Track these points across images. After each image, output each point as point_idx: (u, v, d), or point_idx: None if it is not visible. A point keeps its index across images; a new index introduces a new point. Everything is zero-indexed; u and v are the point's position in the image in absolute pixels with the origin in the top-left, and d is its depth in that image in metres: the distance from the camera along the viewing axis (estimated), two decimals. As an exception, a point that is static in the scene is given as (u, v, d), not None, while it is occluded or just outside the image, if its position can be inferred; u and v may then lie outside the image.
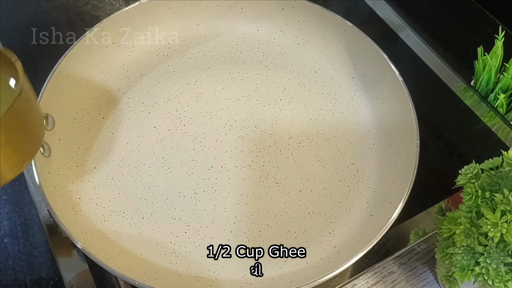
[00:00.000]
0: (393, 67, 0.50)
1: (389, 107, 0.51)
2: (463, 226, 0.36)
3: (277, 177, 0.48)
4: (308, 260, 0.43)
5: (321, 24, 0.55)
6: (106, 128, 0.50)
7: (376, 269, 0.45)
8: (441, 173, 0.55)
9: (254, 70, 0.56)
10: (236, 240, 0.44)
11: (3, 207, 0.49)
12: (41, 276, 0.45)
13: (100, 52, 0.53)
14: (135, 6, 0.54)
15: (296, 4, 0.55)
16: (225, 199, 0.47)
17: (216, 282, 0.42)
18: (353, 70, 0.55)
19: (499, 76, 0.57)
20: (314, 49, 0.57)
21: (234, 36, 0.58)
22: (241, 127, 0.51)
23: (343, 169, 0.49)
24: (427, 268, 0.46)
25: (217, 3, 0.57)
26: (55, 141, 0.46)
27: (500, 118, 0.57)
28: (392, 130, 0.50)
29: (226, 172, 0.48)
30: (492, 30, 0.60)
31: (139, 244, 0.44)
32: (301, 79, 0.55)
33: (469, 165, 0.39)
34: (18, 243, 0.47)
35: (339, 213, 0.46)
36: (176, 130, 0.51)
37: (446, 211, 0.42)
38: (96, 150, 0.49)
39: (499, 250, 0.35)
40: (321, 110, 0.53)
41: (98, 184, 0.47)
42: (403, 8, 0.67)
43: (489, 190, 0.36)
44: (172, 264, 0.43)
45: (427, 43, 0.64)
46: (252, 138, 0.51)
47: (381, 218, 0.43)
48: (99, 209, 0.45)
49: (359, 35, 0.53)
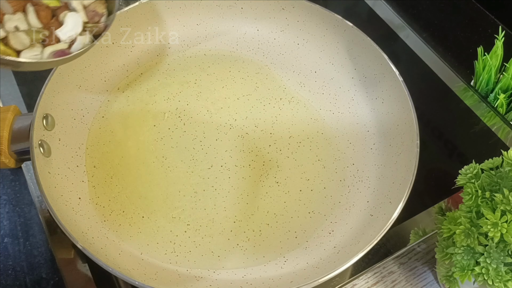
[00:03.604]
0: (393, 67, 0.50)
1: (389, 107, 0.51)
2: (463, 226, 0.36)
3: (277, 177, 0.48)
4: (308, 260, 0.43)
5: (321, 24, 0.55)
6: (106, 128, 0.50)
7: (376, 269, 0.45)
8: (441, 173, 0.55)
9: (254, 69, 0.56)
10: (236, 239, 0.44)
11: (3, 207, 0.49)
12: (41, 276, 0.45)
13: (100, 52, 0.53)
14: (135, 6, 0.54)
15: (296, 4, 0.55)
16: (225, 198, 0.47)
17: (216, 282, 0.42)
18: (353, 70, 0.55)
19: (499, 76, 0.57)
20: (314, 49, 0.57)
21: (234, 36, 0.58)
22: (241, 126, 0.51)
23: (343, 169, 0.49)
24: (427, 268, 0.46)
25: (217, 3, 0.57)
26: (55, 141, 0.46)
27: (500, 118, 0.57)
28: (392, 130, 0.50)
29: (226, 171, 0.48)
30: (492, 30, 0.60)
31: (139, 244, 0.44)
32: (301, 79, 0.55)
33: (469, 165, 0.39)
34: (18, 243, 0.47)
35: (339, 213, 0.46)
36: (176, 129, 0.51)
37: (446, 211, 0.42)
38: (96, 150, 0.49)
39: (499, 250, 0.35)
40: (321, 110, 0.53)
41: (98, 184, 0.47)
42: (403, 8, 0.68)
43: (489, 190, 0.36)
44: (172, 264, 0.43)
45: (427, 43, 0.64)
46: (252, 138, 0.51)
47: (381, 218, 0.43)
48: (99, 209, 0.45)
49: (359, 35, 0.53)
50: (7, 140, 0.43)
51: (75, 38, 0.40)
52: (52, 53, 0.38)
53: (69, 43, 0.39)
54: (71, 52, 0.39)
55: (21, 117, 0.45)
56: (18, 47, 0.37)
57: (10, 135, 0.44)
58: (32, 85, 0.57)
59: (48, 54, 0.38)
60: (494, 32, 0.56)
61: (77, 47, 0.40)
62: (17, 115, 0.45)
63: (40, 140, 0.44)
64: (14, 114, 0.45)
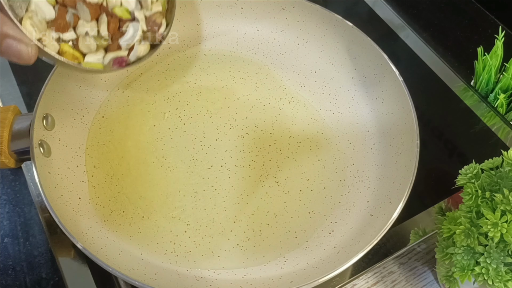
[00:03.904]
0: (393, 67, 0.50)
1: (389, 107, 0.51)
2: (463, 226, 0.36)
3: (277, 177, 0.48)
4: (308, 260, 0.43)
5: (321, 24, 0.55)
6: (106, 127, 0.50)
7: (376, 269, 0.46)
8: (441, 173, 0.55)
9: (254, 69, 0.56)
10: (236, 240, 0.44)
11: (3, 207, 0.49)
12: (41, 276, 0.45)
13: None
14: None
15: (296, 4, 0.55)
16: (225, 198, 0.47)
17: (216, 282, 0.42)
18: (353, 70, 0.55)
19: (499, 76, 0.57)
20: (314, 49, 0.57)
21: (234, 36, 0.58)
22: (241, 126, 0.51)
23: (343, 169, 0.49)
24: (427, 268, 0.46)
25: (217, 3, 0.57)
26: (55, 141, 0.46)
27: (500, 118, 0.57)
28: (392, 130, 0.50)
29: (226, 171, 0.48)
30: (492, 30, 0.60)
31: (139, 244, 0.44)
32: (301, 79, 0.55)
33: (469, 165, 0.39)
34: (18, 243, 0.47)
35: (339, 213, 0.46)
36: (176, 129, 0.51)
37: (446, 211, 0.42)
38: (96, 150, 0.49)
39: (499, 250, 0.35)
40: (321, 110, 0.53)
41: (98, 184, 0.47)
42: (403, 8, 0.68)
43: (489, 190, 0.36)
44: (172, 264, 0.43)
45: (427, 43, 0.64)
46: (252, 137, 0.51)
47: (381, 218, 0.43)
48: (99, 209, 0.45)
49: (359, 35, 0.53)
50: (7, 140, 0.43)
51: (133, 46, 0.42)
52: (113, 59, 0.42)
53: (128, 50, 0.42)
54: (130, 59, 0.42)
55: (21, 117, 0.45)
56: (84, 50, 0.41)
57: (10, 135, 0.44)
58: (32, 85, 0.57)
59: (109, 59, 0.41)
60: (494, 32, 0.56)
61: (135, 54, 0.43)
62: (17, 115, 0.45)
63: (40, 140, 0.44)
64: (14, 114, 0.45)
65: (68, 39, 0.39)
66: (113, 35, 0.42)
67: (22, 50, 0.34)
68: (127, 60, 0.42)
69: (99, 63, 0.41)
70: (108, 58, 0.41)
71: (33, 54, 0.35)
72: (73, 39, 0.40)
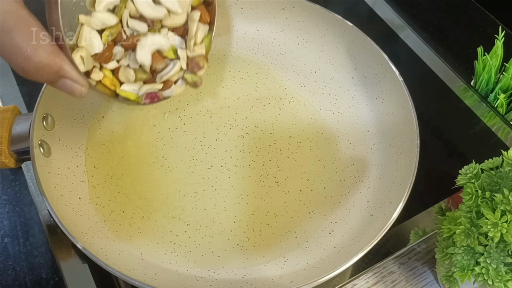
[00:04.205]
0: (393, 67, 0.50)
1: (389, 107, 0.51)
2: (463, 226, 0.36)
3: (277, 177, 0.48)
4: (308, 260, 0.43)
5: (321, 24, 0.55)
6: (106, 127, 0.50)
7: (376, 269, 0.46)
8: (441, 173, 0.55)
9: (254, 69, 0.56)
10: (236, 240, 0.44)
11: (3, 207, 0.49)
12: (41, 276, 0.45)
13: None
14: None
15: (296, 4, 0.55)
16: (225, 198, 0.47)
17: (216, 282, 0.42)
18: (353, 70, 0.55)
19: (499, 76, 0.57)
20: (314, 49, 0.57)
21: (234, 36, 0.58)
22: (241, 126, 0.51)
23: (343, 169, 0.49)
24: (427, 268, 0.46)
25: (217, 3, 0.57)
26: (55, 141, 0.46)
27: (500, 118, 0.57)
28: (392, 130, 0.50)
29: (226, 171, 0.48)
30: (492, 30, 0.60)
31: (139, 244, 0.44)
32: (301, 79, 0.55)
33: (469, 165, 0.39)
34: (18, 243, 0.47)
35: (339, 213, 0.46)
36: (176, 129, 0.51)
37: (446, 211, 0.42)
38: (96, 150, 0.49)
39: (499, 250, 0.35)
40: (321, 110, 0.53)
41: (98, 184, 0.47)
42: (403, 8, 0.68)
43: (489, 190, 0.36)
44: (172, 264, 0.43)
45: (427, 43, 0.64)
46: (252, 137, 0.51)
47: (381, 218, 0.43)
48: (99, 208, 0.45)
49: (359, 35, 0.53)
50: (7, 140, 0.43)
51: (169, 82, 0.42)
52: (147, 91, 0.41)
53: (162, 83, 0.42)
54: (162, 95, 0.42)
55: (21, 117, 0.45)
56: (123, 80, 0.40)
57: (10, 135, 0.44)
58: (32, 85, 0.57)
59: (144, 91, 0.41)
60: (494, 32, 0.56)
61: (170, 93, 0.42)
62: (17, 115, 0.45)
63: (40, 140, 0.44)
64: (14, 114, 0.45)
65: (109, 68, 0.39)
66: (154, 70, 0.41)
67: (76, 88, 0.35)
68: (160, 96, 0.42)
69: (133, 93, 0.40)
70: (143, 90, 0.41)
71: (85, 93, 0.36)
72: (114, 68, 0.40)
